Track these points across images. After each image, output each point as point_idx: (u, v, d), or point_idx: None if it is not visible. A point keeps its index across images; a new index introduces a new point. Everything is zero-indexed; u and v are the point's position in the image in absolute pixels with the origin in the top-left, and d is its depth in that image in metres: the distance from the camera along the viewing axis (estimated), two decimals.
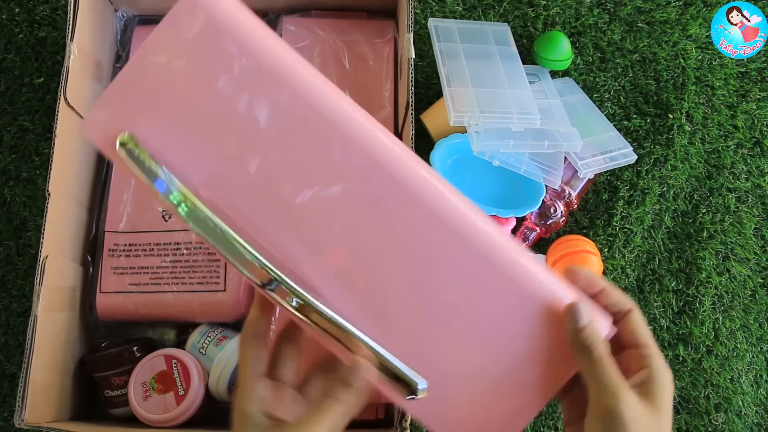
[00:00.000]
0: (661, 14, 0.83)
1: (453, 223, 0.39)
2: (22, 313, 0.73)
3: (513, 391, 0.41)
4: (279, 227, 0.39)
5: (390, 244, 0.39)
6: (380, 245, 0.39)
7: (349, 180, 0.39)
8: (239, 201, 0.39)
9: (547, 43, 0.77)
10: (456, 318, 0.40)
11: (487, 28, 0.78)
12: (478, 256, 0.39)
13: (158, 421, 0.62)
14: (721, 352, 0.75)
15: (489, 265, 0.39)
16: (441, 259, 0.39)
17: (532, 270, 0.40)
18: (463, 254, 0.39)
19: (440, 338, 0.40)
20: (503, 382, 0.40)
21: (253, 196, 0.39)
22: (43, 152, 0.77)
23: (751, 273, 0.77)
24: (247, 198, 0.39)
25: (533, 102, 0.72)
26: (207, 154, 0.39)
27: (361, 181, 0.39)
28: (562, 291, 0.41)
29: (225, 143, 0.39)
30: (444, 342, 0.40)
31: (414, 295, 0.40)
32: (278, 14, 0.77)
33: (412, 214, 0.39)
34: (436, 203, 0.39)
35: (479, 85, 0.71)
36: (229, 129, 0.38)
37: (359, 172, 0.38)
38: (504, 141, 0.71)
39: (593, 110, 0.79)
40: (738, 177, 0.79)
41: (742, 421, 0.73)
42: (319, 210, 0.39)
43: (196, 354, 0.66)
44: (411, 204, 0.39)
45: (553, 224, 0.74)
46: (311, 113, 0.38)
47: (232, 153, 0.39)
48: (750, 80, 0.82)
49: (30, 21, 0.80)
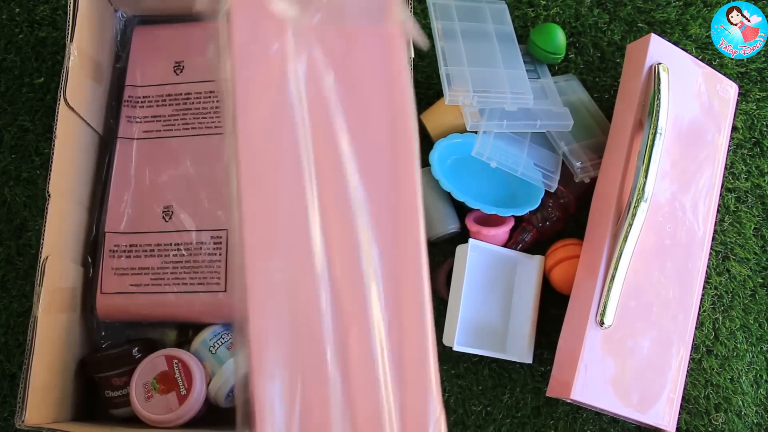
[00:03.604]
0: (661, 14, 0.83)
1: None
2: (23, 313, 0.73)
3: None
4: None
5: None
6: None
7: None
8: None
9: (543, 33, 0.78)
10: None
11: (484, 6, 0.78)
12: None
13: (161, 421, 0.62)
14: (721, 352, 0.75)
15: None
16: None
17: None
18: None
19: None
20: None
21: None
22: (43, 152, 0.77)
23: (750, 273, 0.77)
24: None
25: (527, 82, 0.72)
26: None
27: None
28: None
29: None
30: None
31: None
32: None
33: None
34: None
35: (475, 64, 0.72)
36: None
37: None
38: (497, 122, 0.72)
39: (595, 111, 0.79)
40: (738, 177, 0.79)
41: (742, 421, 0.74)
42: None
43: (204, 352, 0.66)
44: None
45: (550, 227, 0.74)
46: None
47: None
48: (750, 80, 0.82)
49: (30, 21, 0.80)
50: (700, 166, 0.73)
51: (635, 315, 0.67)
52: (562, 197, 0.74)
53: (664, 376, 0.68)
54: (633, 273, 0.66)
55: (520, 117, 0.73)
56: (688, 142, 0.72)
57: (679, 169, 0.71)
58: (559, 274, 0.71)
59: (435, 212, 0.74)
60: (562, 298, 0.71)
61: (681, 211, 0.71)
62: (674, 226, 0.70)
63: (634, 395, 0.66)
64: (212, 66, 0.49)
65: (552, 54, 0.78)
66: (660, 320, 0.68)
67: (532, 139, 0.75)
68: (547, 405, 0.73)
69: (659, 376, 0.68)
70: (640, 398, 0.66)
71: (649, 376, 0.67)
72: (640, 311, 0.67)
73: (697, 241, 0.71)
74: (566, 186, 0.74)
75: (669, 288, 0.69)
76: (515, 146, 0.74)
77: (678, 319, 0.69)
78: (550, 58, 0.79)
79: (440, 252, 0.76)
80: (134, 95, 0.73)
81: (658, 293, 0.68)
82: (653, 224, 0.68)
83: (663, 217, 0.69)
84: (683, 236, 0.70)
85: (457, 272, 0.71)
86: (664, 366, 0.68)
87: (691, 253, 0.71)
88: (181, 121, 0.72)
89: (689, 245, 0.71)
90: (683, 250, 0.70)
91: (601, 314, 0.65)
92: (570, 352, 0.66)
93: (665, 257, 0.69)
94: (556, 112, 0.74)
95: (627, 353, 0.66)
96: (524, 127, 0.73)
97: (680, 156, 0.71)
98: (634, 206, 0.66)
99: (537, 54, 0.78)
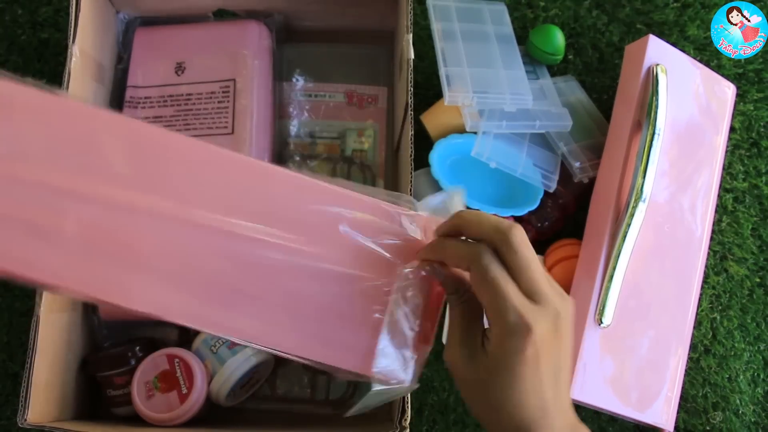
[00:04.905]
0: (659, 16, 0.83)
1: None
2: (25, 312, 0.74)
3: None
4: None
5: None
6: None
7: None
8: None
9: (542, 34, 0.78)
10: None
11: (483, 7, 0.79)
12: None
13: (162, 420, 0.62)
14: (718, 351, 0.75)
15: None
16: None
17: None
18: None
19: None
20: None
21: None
22: None
23: (748, 273, 0.78)
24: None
25: (526, 82, 0.73)
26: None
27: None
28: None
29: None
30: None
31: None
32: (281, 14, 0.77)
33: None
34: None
35: (474, 65, 0.72)
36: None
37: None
38: (496, 122, 0.72)
39: (594, 112, 0.79)
40: (735, 177, 0.80)
41: (740, 419, 0.74)
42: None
43: (205, 352, 0.66)
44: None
45: (549, 227, 0.75)
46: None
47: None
48: (747, 81, 0.82)
49: (32, 22, 0.81)
50: (698, 167, 0.73)
51: (634, 314, 0.67)
52: (561, 197, 0.75)
53: (663, 376, 0.68)
54: (631, 273, 0.67)
55: (519, 118, 0.73)
56: (686, 143, 0.72)
57: (677, 169, 0.71)
58: (558, 273, 0.72)
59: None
60: None
61: (679, 211, 0.71)
62: (672, 226, 0.70)
63: (633, 394, 0.66)
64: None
65: (551, 55, 0.79)
66: (658, 320, 0.69)
67: (531, 140, 0.76)
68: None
69: (657, 376, 0.68)
70: (639, 397, 0.67)
71: (647, 376, 0.67)
72: (639, 311, 0.68)
73: (695, 241, 0.72)
74: (565, 186, 0.74)
75: (667, 288, 0.70)
76: (514, 147, 0.74)
77: (676, 318, 0.70)
78: (549, 59, 0.79)
79: None
80: (136, 96, 0.74)
81: (657, 293, 0.69)
82: (651, 224, 0.68)
83: (661, 217, 0.69)
84: (681, 236, 0.71)
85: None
86: (662, 365, 0.68)
87: (689, 253, 0.71)
88: (182, 122, 0.73)
89: (687, 245, 0.71)
90: (681, 250, 0.71)
91: (599, 314, 0.65)
92: None
93: (663, 257, 0.69)
94: (555, 113, 0.75)
95: (625, 353, 0.66)
96: (523, 127, 0.74)
97: (678, 156, 0.71)
98: (633, 206, 0.66)
99: (536, 55, 0.79)
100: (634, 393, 0.66)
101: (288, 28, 0.80)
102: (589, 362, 0.65)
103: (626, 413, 0.66)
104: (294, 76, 0.78)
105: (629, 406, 0.66)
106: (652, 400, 0.67)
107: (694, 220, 0.72)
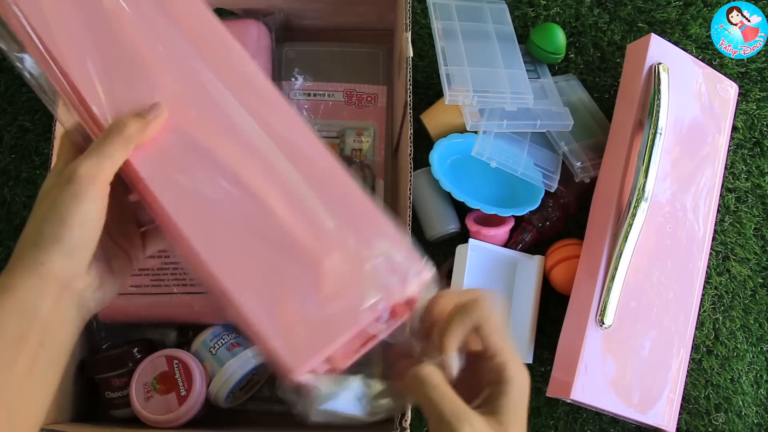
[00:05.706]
0: (661, 14, 0.83)
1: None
2: None
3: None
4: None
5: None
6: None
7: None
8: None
9: (544, 33, 0.78)
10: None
11: (484, 6, 0.78)
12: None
13: (161, 421, 0.62)
14: (721, 352, 0.75)
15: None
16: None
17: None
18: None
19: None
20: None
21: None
22: (43, 152, 0.77)
23: (751, 273, 0.77)
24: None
25: (527, 82, 0.73)
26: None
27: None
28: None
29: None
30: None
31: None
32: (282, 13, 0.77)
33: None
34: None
35: (475, 64, 0.72)
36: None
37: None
38: (497, 121, 0.72)
39: (595, 111, 0.79)
40: (738, 177, 0.79)
41: (743, 421, 0.74)
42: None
43: (204, 353, 0.66)
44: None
45: (550, 227, 0.74)
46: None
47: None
48: (750, 80, 0.82)
49: None
50: (700, 166, 0.73)
51: (635, 315, 0.67)
52: (562, 197, 0.74)
53: (665, 377, 0.68)
54: (633, 273, 0.66)
55: (520, 117, 0.73)
56: (688, 142, 0.72)
57: (680, 169, 0.71)
58: (559, 274, 0.71)
59: (435, 212, 0.74)
60: (562, 298, 0.71)
61: (681, 211, 0.71)
62: (674, 226, 0.70)
63: (635, 395, 0.66)
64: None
65: (552, 54, 0.78)
66: (660, 320, 0.68)
67: (532, 139, 0.75)
68: (547, 405, 0.73)
69: (659, 377, 0.68)
70: (641, 398, 0.66)
71: (649, 377, 0.67)
72: (641, 311, 0.67)
73: (698, 241, 0.71)
74: (566, 186, 0.74)
75: (669, 288, 0.69)
76: (515, 146, 0.74)
77: (678, 319, 0.69)
78: (550, 58, 0.79)
79: (440, 252, 0.76)
80: None
81: (659, 293, 0.68)
82: (653, 224, 0.68)
83: (663, 217, 0.69)
84: (683, 236, 0.70)
85: (457, 272, 0.71)
86: (664, 366, 0.68)
87: (691, 253, 0.71)
88: None
89: (689, 245, 0.71)
90: (683, 250, 0.70)
91: (601, 314, 0.65)
92: (570, 352, 0.66)
93: (665, 257, 0.69)
94: (556, 112, 0.74)
95: (627, 353, 0.66)
96: (524, 127, 0.73)
97: (680, 156, 0.71)
98: (634, 206, 0.66)
99: (537, 54, 0.78)
100: (636, 394, 0.66)
101: (287, 27, 0.79)
102: (590, 363, 0.64)
103: (628, 414, 0.66)
104: (293, 75, 0.78)
105: (631, 407, 0.66)
106: (654, 402, 0.67)
107: (697, 220, 0.71)
